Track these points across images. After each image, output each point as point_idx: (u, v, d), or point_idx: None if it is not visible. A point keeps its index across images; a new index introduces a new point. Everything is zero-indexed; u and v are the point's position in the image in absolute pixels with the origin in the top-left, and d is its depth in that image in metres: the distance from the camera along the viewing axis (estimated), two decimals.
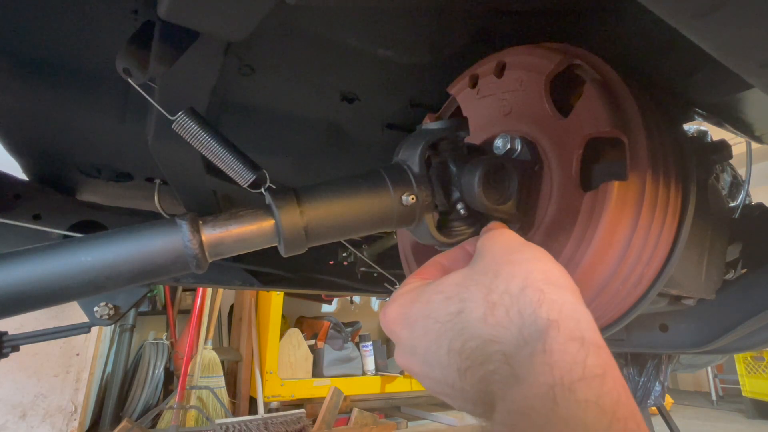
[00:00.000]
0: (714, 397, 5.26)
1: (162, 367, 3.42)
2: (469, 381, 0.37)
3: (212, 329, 3.54)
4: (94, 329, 1.38)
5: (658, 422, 2.17)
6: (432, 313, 0.41)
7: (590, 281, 0.57)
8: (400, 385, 4.07)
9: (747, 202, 1.12)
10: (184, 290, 3.89)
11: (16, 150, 0.94)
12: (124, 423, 2.82)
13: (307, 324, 4.22)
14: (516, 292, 0.37)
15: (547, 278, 0.38)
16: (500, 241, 0.44)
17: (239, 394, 3.66)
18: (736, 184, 1.29)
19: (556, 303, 0.36)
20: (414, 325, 0.43)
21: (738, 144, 0.93)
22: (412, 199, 0.54)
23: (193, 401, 3.27)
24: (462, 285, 0.41)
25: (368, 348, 4.11)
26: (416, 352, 0.42)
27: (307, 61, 0.80)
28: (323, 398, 3.50)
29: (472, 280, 0.41)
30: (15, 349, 0.90)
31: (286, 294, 3.84)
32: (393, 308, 0.45)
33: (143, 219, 1.10)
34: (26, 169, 1.03)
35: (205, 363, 3.39)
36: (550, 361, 0.32)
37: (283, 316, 3.97)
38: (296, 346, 3.82)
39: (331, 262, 1.38)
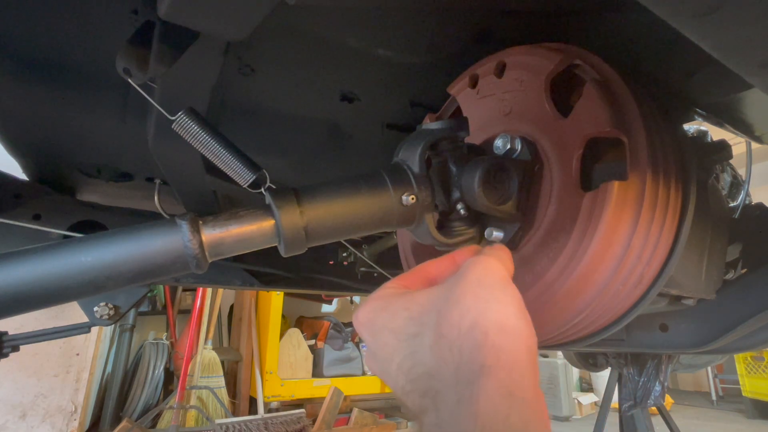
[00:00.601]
0: (714, 397, 5.26)
1: (162, 367, 3.42)
2: (409, 403, 0.38)
3: (212, 329, 3.54)
4: (94, 329, 1.38)
5: (658, 422, 2.17)
6: (395, 329, 0.42)
7: (590, 281, 0.57)
8: None
9: (747, 202, 1.12)
10: (184, 290, 3.89)
11: (16, 150, 0.94)
12: (124, 423, 2.82)
13: (307, 324, 4.22)
14: (465, 330, 0.37)
15: (499, 321, 0.37)
16: (478, 270, 0.41)
17: (239, 394, 3.66)
18: (736, 184, 1.29)
19: (494, 349, 0.35)
20: (377, 334, 0.44)
21: (738, 144, 0.93)
22: (412, 199, 0.54)
23: (193, 401, 3.27)
24: (425, 307, 0.41)
25: None
26: (377, 358, 0.44)
27: (307, 61, 0.80)
28: (323, 398, 3.51)
29: (435, 305, 0.41)
30: (15, 349, 0.90)
31: (286, 294, 3.84)
32: (363, 313, 0.46)
33: (143, 219, 1.10)
34: (26, 169, 1.03)
35: (205, 363, 3.39)
36: (475, 410, 0.33)
37: (283, 316, 3.97)
38: (296, 346, 3.82)
39: (331, 262, 1.38)
